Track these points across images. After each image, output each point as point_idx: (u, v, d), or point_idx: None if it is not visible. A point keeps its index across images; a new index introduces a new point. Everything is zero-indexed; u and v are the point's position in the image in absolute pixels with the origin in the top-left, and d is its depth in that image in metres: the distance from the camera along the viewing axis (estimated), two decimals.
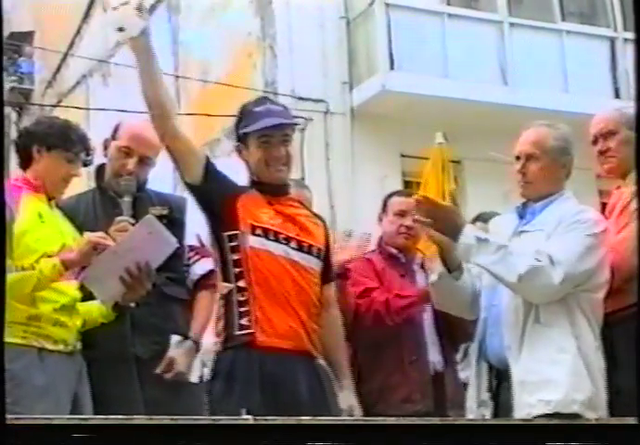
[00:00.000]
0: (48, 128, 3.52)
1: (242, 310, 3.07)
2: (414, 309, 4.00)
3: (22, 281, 3.21)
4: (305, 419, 2.42)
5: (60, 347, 3.33)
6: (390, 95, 9.14)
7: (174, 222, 3.55)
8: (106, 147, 3.71)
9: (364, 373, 4.06)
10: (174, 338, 3.59)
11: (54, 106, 13.14)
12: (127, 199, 3.56)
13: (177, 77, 11.09)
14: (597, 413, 2.97)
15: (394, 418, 2.76)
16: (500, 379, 3.16)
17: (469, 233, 3.11)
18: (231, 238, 3.12)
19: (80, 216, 3.59)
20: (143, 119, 3.40)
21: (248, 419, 2.34)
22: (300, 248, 3.15)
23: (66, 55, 13.84)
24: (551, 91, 9.53)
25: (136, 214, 3.50)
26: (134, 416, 2.37)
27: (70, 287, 3.39)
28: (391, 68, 9.36)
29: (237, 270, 3.10)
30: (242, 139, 3.27)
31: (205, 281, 3.67)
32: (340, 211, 9.08)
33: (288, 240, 3.14)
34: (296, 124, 3.50)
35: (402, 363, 4.00)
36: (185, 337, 3.54)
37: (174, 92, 11.11)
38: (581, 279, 3.07)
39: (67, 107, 12.44)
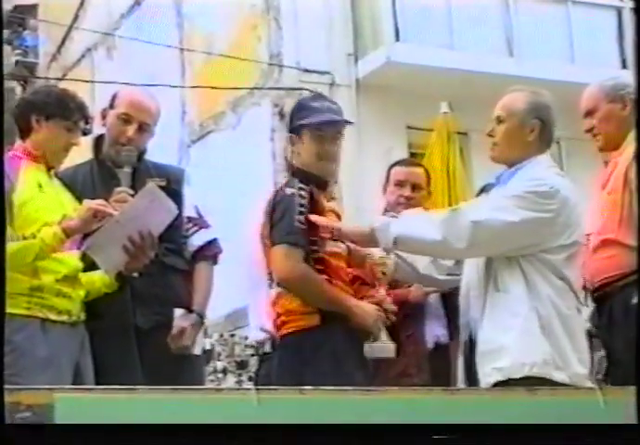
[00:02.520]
0: (46, 97, 3.50)
1: None
2: (391, 315, 4.01)
3: (24, 250, 3.21)
4: (308, 388, 2.42)
5: (64, 317, 3.33)
6: (395, 66, 9.10)
7: (172, 193, 3.52)
8: (104, 117, 3.69)
9: None
10: (178, 312, 3.59)
11: (59, 79, 13.10)
12: (126, 170, 3.56)
13: (182, 50, 11.05)
14: (567, 372, 2.92)
15: (397, 388, 2.77)
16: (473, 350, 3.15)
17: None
18: (312, 242, 3.28)
19: (78, 187, 3.58)
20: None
21: (250, 389, 2.34)
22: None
23: (70, 28, 13.79)
24: (557, 61, 9.48)
25: (135, 185, 3.50)
26: (136, 386, 2.38)
27: (72, 258, 3.39)
28: (397, 39, 9.31)
29: (319, 267, 3.26)
30: (296, 131, 3.39)
31: (203, 252, 3.67)
32: (346, 184, 9.06)
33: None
34: (350, 123, 3.58)
35: (397, 338, 4.00)
36: (189, 311, 3.55)
37: (179, 65, 11.09)
38: (497, 227, 3.00)
39: (72, 80, 12.40)
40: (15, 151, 3.46)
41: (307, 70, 9.49)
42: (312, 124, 3.33)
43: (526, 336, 2.97)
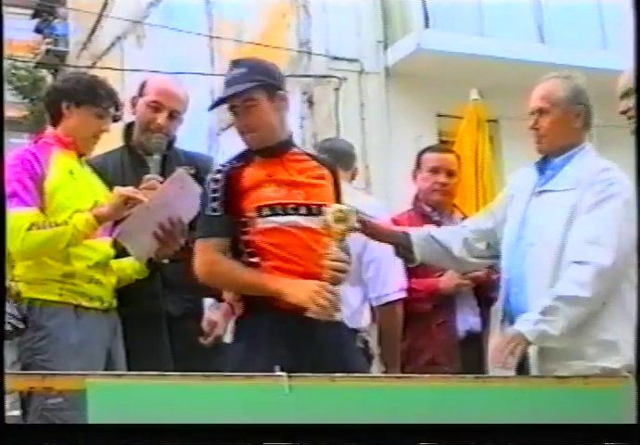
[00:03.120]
0: (76, 84, 3.51)
1: None
2: (421, 305, 3.98)
3: (56, 237, 3.24)
4: (339, 376, 2.41)
5: (96, 304, 3.36)
6: (425, 53, 9.04)
7: (201, 181, 3.54)
8: (134, 105, 3.71)
9: None
10: (208, 301, 3.60)
11: (89, 67, 13.15)
12: (156, 157, 3.57)
13: (211, 37, 11.05)
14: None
15: (428, 376, 2.76)
16: None
17: None
18: (241, 224, 3.06)
19: (108, 174, 3.60)
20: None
21: (282, 376, 2.34)
22: (310, 212, 3.05)
23: (100, 16, 13.84)
24: (589, 48, 9.39)
25: (164, 173, 3.51)
26: (168, 373, 2.39)
27: (103, 244, 3.42)
28: (426, 26, 9.24)
29: (249, 250, 3.04)
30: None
31: None
32: (376, 171, 9.05)
33: (296, 208, 3.05)
34: (261, 84, 3.09)
35: (428, 327, 3.99)
36: (220, 300, 3.55)
37: (208, 53, 11.09)
38: (629, 251, 2.94)
39: (102, 68, 12.45)
40: (46, 138, 3.48)
41: (336, 58, 9.45)
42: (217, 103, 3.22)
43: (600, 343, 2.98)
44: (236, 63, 3.19)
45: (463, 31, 9.23)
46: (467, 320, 4.07)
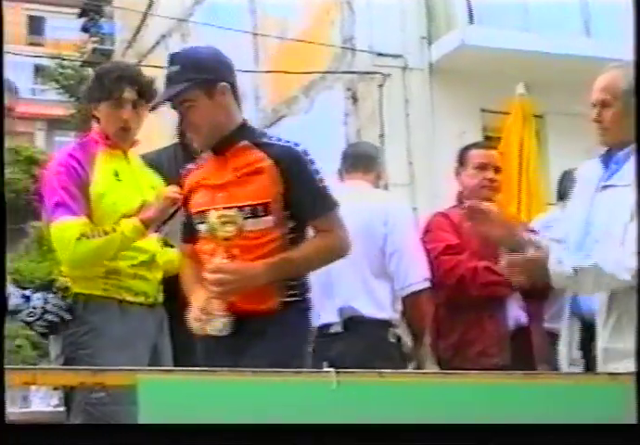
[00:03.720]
0: (91, 83, 3.51)
1: None
2: (500, 289, 3.95)
3: (106, 245, 3.25)
4: (387, 372, 2.42)
5: (141, 299, 3.37)
6: (469, 49, 9.00)
7: None
8: None
9: (444, 329, 4.07)
10: None
11: (135, 65, 13.24)
12: None
13: (255, 35, 11.08)
14: None
15: (476, 372, 2.75)
16: (592, 336, 3.08)
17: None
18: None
19: (163, 170, 3.60)
20: None
21: (330, 371, 2.34)
22: None
23: (145, 15, 13.93)
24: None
25: None
26: (216, 368, 2.40)
27: (149, 244, 3.42)
28: (471, 22, 9.20)
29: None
30: None
31: None
32: (419, 167, 9.03)
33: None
34: (195, 83, 2.95)
35: (480, 318, 3.98)
36: None
37: (252, 50, 11.12)
38: None
39: (147, 66, 12.53)
40: (92, 135, 3.48)
41: (380, 54, 9.43)
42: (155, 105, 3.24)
43: None
44: (171, 58, 3.06)
45: (508, 26, 9.17)
46: (514, 312, 4.07)
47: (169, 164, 3.68)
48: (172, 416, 2.26)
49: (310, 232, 3.07)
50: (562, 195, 4.37)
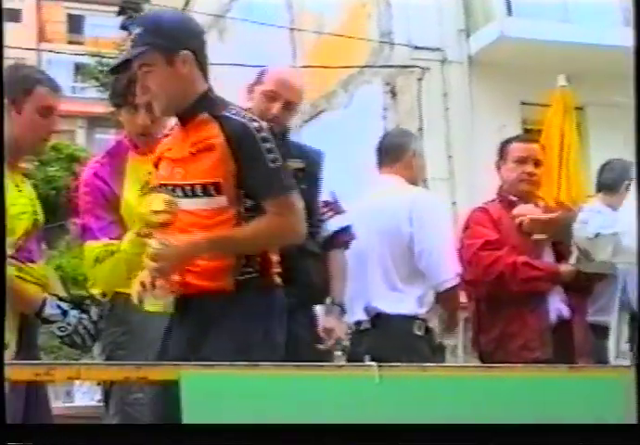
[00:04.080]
0: (110, 88, 3.54)
1: None
2: (541, 284, 3.94)
3: (116, 265, 3.20)
4: (430, 366, 2.43)
5: None
6: (508, 41, 8.96)
7: (310, 176, 3.49)
8: (249, 92, 3.62)
9: (485, 323, 4.06)
10: (320, 308, 3.60)
11: None
12: None
13: (292, 30, 11.11)
14: None
15: (520, 365, 2.74)
16: None
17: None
18: None
19: None
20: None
21: (372, 365, 2.35)
22: (185, 195, 2.85)
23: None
24: None
25: None
26: (259, 363, 2.42)
27: None
28: (509, 13, 9.16)
29: None
30: None
31: (338, 238, 3.65)
32: (459, 161, 9.00)
33: (173, 189, 2.85)
34: (154, 47, 2.84)
35: (521, 312, 3.97)
36: (332, 303, 3.55)
37: (290, 45, 11.15)
38: None
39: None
40: (123, 140, 3.49)
41: (418, 48, 9.42)
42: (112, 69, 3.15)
43: None
44: (137, 22, 2.98)
45: (546, 17, 9.12)
46: (556, 305, 4.04)
47: None
48: (215, 411, 2.28)
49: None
50: (602, 186, 4.33)
